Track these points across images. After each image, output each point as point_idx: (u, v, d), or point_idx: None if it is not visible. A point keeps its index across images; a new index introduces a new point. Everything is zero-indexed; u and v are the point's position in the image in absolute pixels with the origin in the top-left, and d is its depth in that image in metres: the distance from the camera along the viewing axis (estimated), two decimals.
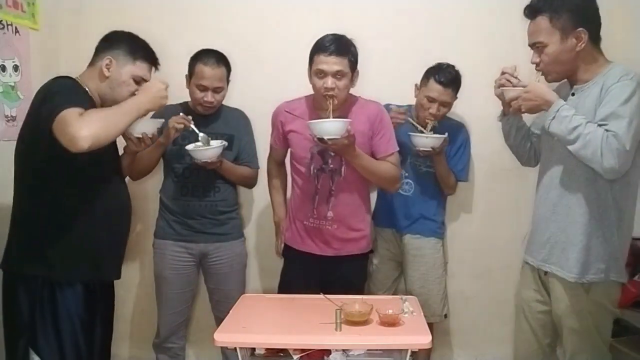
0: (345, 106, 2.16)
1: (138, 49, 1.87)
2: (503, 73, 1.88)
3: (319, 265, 2.23)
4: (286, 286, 2.31)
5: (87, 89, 1.80)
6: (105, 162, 1.83)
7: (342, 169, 2.17)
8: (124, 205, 1.94)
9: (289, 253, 2.33)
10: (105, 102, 1.83)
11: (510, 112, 1.88)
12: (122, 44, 1.84)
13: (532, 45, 1.81)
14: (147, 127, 1.95)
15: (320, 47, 2.08)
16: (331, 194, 2.19)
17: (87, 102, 1.72)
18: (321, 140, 1.99)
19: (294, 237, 2.29)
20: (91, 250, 1.80)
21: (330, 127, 1.97)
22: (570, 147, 1.67)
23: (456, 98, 2.42)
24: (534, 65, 1.83)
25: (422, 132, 2.36)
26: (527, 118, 2.04)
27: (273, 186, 2.43)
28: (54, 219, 1.75)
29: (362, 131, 2.13)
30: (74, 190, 1.76)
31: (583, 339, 1.82)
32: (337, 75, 2.05)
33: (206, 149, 2.17)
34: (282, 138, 2.29)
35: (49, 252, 1.74)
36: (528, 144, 2.06)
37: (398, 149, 2.22)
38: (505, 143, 2.11)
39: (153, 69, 1.93)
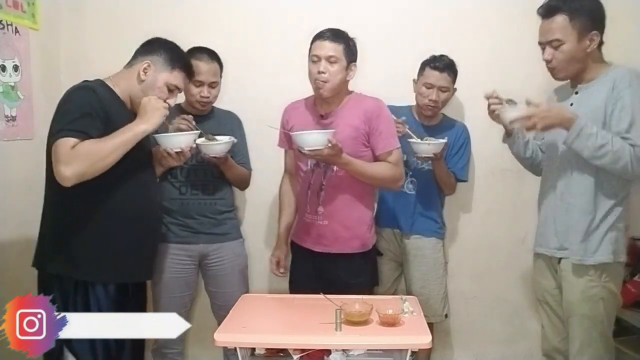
0: (340, 100, 2.15)
1: (177, 58, 1.91)
2: (487, 100, 1.93)
3: (315, 262, 2.21)
4: (291, 279, 2.34)
5: (115, 90, 1.83)
6: (136, 159, 1.80)
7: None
8: (153, 204, 1.94)
9: (293, 248, 2.34)
10: (136, 104, 1.85)
11: (522, 130, 1.92)
12: (162, 50, 1.89)
13: (547, 43, 1.84)
14: (186, 140, 1.95)
15: (316, 36, 2.11)
16: (322, 188, 2.16)
17: (93, 127, 1.69)
18: (301, 152, 2.00)
19: (297, 232, 2.31)
20: (119, 252, 1.79)
21: (309, 139, 1.97)
22: (596, 162, 1.77)
23: (455, 89, 2.43)
24: (545, 62, 1.87)
25: (421, 140, 2.32)
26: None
27: (280, 206, 2.40)
28: (81, 219, 1.75)
29: (356, 126, 2.11)
30: (102, 189, 1.74)
31: (593, 327, 1.87)
32: (330, 59, 2.06)
33: (216, 144, 2.17)
34: (287, 136, 2.27)
35: (75, 252, 1.75)
36: (539, 152, 2.11)
37: (399, 146, 2.17)
38: (508, 147, 2.12)
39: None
